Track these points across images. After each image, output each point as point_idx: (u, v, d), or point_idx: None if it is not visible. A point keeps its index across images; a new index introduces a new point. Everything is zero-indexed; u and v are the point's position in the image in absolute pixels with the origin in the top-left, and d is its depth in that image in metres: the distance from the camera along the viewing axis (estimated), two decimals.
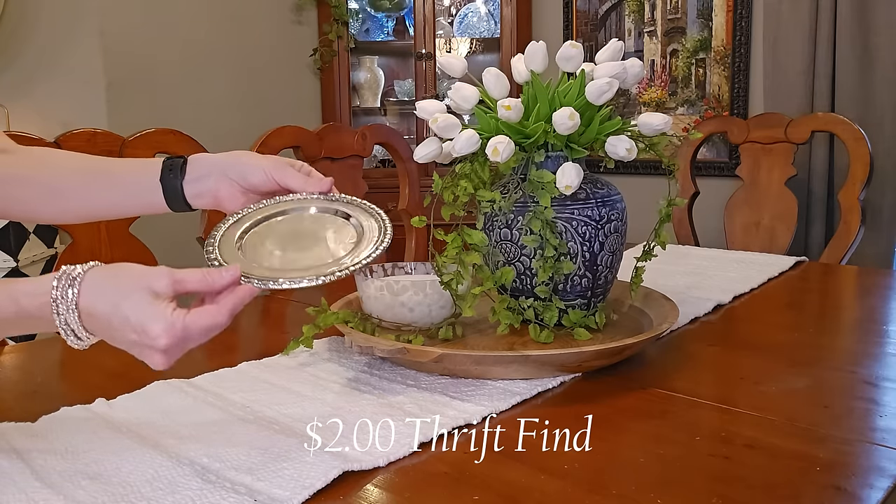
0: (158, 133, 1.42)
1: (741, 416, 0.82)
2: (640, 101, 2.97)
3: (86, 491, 0.65)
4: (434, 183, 1.05)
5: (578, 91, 1.03)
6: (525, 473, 0.68)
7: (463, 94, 1.07)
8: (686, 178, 2.04)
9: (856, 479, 0.68)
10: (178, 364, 0.69)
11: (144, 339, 0.65)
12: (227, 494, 0.64)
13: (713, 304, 1.26)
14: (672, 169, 1.09)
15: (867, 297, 1.47)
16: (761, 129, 2.01)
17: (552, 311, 1.04)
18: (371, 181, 1.90)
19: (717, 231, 2.09)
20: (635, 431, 0.80)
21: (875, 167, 1.86)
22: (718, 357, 1.05)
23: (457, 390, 0.87)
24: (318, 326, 1.01)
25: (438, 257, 1.04)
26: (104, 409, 0.83)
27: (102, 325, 0.65)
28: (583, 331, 1.04)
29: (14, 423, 0.79)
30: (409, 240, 1.84)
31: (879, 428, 0.79)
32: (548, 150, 1.05)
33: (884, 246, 2.37)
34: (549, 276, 1.02)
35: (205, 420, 0.80)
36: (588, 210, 1.04)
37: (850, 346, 1.11)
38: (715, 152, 2.81)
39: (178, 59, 2.75)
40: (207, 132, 1.78)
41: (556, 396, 0.88)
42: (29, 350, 1.17)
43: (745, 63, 2.70)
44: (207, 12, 2.83)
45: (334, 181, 0.91)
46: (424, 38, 3.11)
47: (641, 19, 2.94)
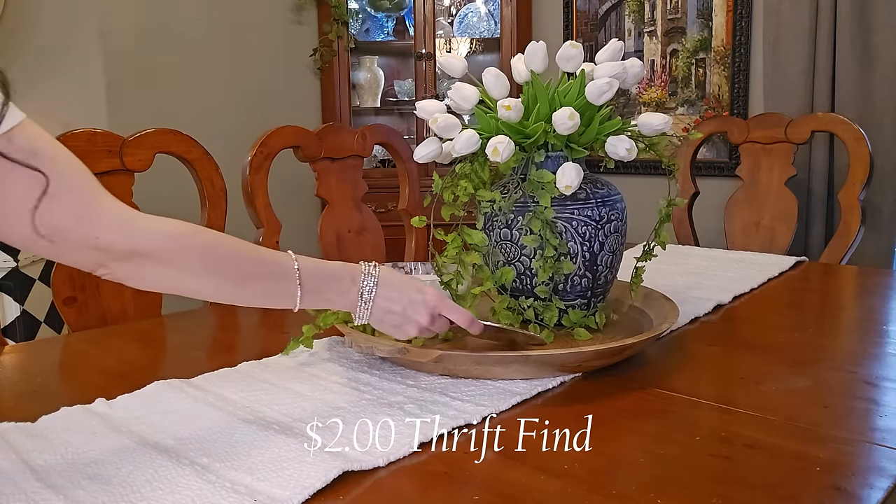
0: (158, 133, 1.42)
1: (741, 416, 0.82)
2: (640, 101, 2.97)
3: (86, 491, 0.65)
4: (434, 183, 1.05)
5: (578, 91, 1.03)
6: (525, 473, 0.68)
7: (463, 94, 1.07)
8: (686, 178, 2.04)
9: (856, 479, 0.68)
10: (179, 364, 0.69)
11: (419, 297, 0.88)
12: (227, 494, 0.64)
13: (713, 304, 1.26)
14: (672, 169, 1.09)
15: (867, 297, 1.47)
16: (761, 129, 2.01)
17: (552, 310, 1.04)
18: (371, 181, 1.90)
19: (717, 231, 2.09)
20: (635, 431, 0.80)
21: (875, 167, 1.86)
22: (718, 357, 1.05)
23: (457, 390, 0.87)
24: (318, 326, 1.01)
25: (438, 257, 1.04)
26: (104, 409, 0.83)
27: (394, 286, 0.88)
28: (583, 331, 1.04)
29: (14, 423, 0.79)
30: (409, 240, 1.84)
31: (879, 428, 0.79)
32: (548, 150, 1.05)
33: (884, 246, 2.37)
34: (549, 276, 1.02)
35: (205, 420, 0.80)
36: (588, 210, 1.04)
37: (850, 346, 1.11)
38: (715, 152, 2.81)
39: (178, 59, 2.74)
40: (207, 132, 1.78)
41: (556, 396, 0.88)
42: (29, 350, 1.17)
43: (745, 63, 2.70)
44: (207, 12, 2.83)
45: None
46: (424, 38, 3.11)
47: (641, 19, 2.94)
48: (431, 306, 0.89)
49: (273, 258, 0.82)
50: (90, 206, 0.71)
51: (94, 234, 0.70)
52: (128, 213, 0.74)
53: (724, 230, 2.03)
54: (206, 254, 0.78)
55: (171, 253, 0.75)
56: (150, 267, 0.75)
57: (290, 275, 0.82)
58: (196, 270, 0.77)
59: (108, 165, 1.34)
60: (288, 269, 0.82)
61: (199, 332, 1.24)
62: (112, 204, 0.73)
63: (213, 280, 0.79)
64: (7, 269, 2.16)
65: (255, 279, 0.81)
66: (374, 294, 0.87)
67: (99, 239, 0.71)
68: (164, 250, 0.75)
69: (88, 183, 0.71)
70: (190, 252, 0.77)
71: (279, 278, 0.82)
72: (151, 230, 0.75)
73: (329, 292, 0.85)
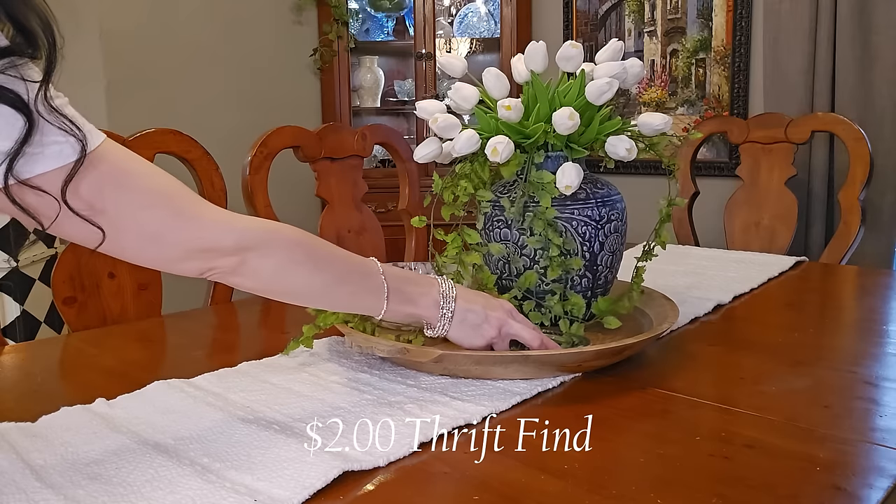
0: (158, 133, 1.42)
1: (741, 416, 0.82)
2: (640, 101, 2.97)
3: (86, 491, 0.65)
4: (434, 183, 1.05)
5: (578, 91, 1.03)
6: (525, 473, 0.68)
7: (463, 94, 1.07)
8: (686, 178, 2.04)
9: (856, 479, 0.68)
10: (178, 364, 0.69)
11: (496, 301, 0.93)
12: (227, 494, 0.64)
13: (713, 304, 1.26)
14: (672, 169, 1.09)
15: (867, 297, 1.47)
16: (761, 129, 2.01)
17: (579, 304, 1.03)
18: (371, 181, 1.89)
19: (717, 231, 2.09)
20: (635, 431, 0.80)
21: (875, 167, 1.86)
22: (718, 357, 1.05)
23: (457, 390, 0.87)
24: (318, 326, 1.01)
25: (438, 257, 1.04)
26: (104, 409, 0.83)
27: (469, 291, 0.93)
28: (613, 319, 1.03)
29: (14, 423, 0.79)
30: (409, 240, 1.84)
31: (879, 428, 0.79)
32: (548, 150, 1.05)
33: (884, 246, 2.37)
34: (558, 275, 1.02)
35: (205, 420, 0.80)
36: (588, 210, 1.04)
37: (850, 346, 1.11)
38: (715, 152, 2.81)
39: (178, 59, 2.74)
40: (207, 132, 1.78)
41: (556, 396, 0.88)
42: (29, 350, 1.17)
43: (745, 63, 2.70)
44: (207, 12, 2.83)
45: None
46: (424, 38, 3.11)
47: (641, 19, 2.94)
48: (508, 310, 0.93)
49: (359, 259, 0.86)
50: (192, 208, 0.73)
51: (200, 233, 0.73)
52: (227, 213, 0.76)
53: (724, 230, 2.03)
54: (307, 247, 0.81)
55: (276, 244, 0.78)
56: (256, 261, 0.77)
57: (376, 273, 0.85)
58: (301, 261, 0.80)
59: None
60: (373, 269, 0.85)
61: (199, 332, 1.24)
62: (210, 205, 0.75)
63: (316, 276, 0.82)
64: (7, 269, 2.16)
65: (350, 277, 0.84)
66: (456, 293, 0.90)
67: (207, 236, 0.73)
68: (269, 241, 0.77)
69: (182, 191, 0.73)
70: (293, 245, 0.80)
71: (368, 276, 0.85)
72: (251, 226, 0.77)
73: (412, 293, 0.88)
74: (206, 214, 0.74)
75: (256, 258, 0.76)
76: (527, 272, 1.03)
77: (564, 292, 1.03)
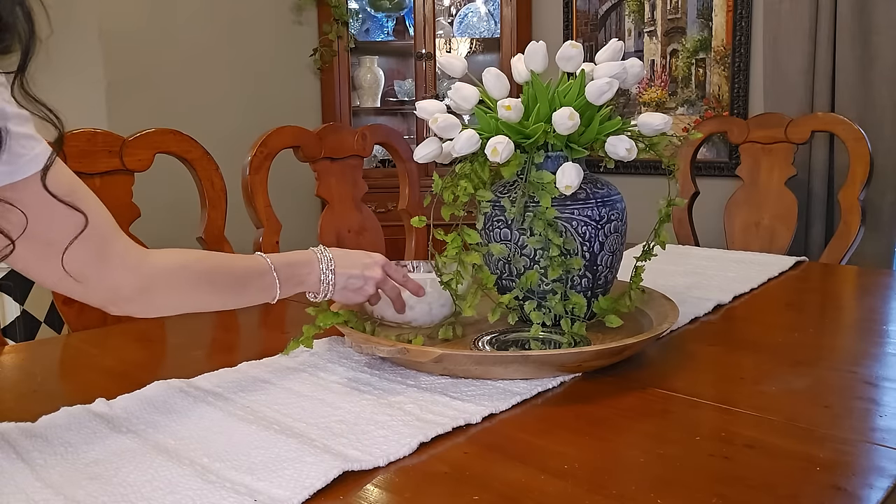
0: (158, 133, 1.42)
1: (741, 416, 0.82)
2: (640, 101, 2.97)
3: (86, 491, 0.65)
4: (434, 183, 1.05)
5: (578, 91, 1.03)
6: (525, 473, 0.68)
7: (463, 94, 1.07)
8: (686, 178, 2.04)
9: (856, 479, 0.68)
10: (179, 364, 0.69)
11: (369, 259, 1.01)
12: (227, 494, 0.64)
13: (713, 304, 1.26)
14: (672, 169, 1.09)
15: (867, 297, 1.47)
16: (761, 129, 2.01)
17: (580, 303, 1.03)
18: (371, 181, 1.90)
19: (717, 231, 2.09)
20: (635, 431, 0.80)
21: (875, 167, 1.86)
22: (718, 357, 1.05)
23: (457, 390, 0.87)
24: (318, 326, 1.01)
25: (438, 257, 1.04)
26: (104, 409, 0.83)
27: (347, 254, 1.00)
28: (614, 317, 1.03)
29: (14, 423, 0.79)
30: (409, 240, 1.84)
31: (879, 428, 0.79)
32: (548, 150, 1.05)
33: (884, 246, 2.37)
34: (558, 275, 1.01)
35: (205, 420, 0.80)
36: (588, 210, 1.04)
37: (850, 346, 1.11)
38: (715, 152, 2.81)
39: (178, 59, 2.74)
40: (207, 132, 1.78)
41: (556, 396, 0.88)
42: (29, 350, 1.17)
43: (745, 63, 2.70)
44: (207, 12, 2.83)
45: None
46: (424, 38, 3.11)
47: (641, 19, 2.94)
48: (382, 263, 1.02)
49: (252, 262, 0.92)
50: (110, 247, 0.78)
51: (110, 276, 0.78)
52: (138, 253, 0.81)
53: (724, 230, 2.03)
54: (208, 274, 0.88)
55: (178, 282, 0.85)
56: (159, 299, 0.84)
57: (267, 271, 0.92)
58: (204, 290, 0.88)
59: (108, 165, 1.34)
60: (265, 267, 0.92)
61: (199, 332, 1.24)
62: (126, 245, 0.80)
63: (215, 296, 0.90)
64: (7, 268, 2.16)
65: (247, 282, 0.91)
66: (334, 264, 0.97)
67: (114, 279, 0.78)
68: (171, 282, 0.84)
69: (111, 224, 0.78)
70: (195, 278, 0.87)
71: (262, 277, 0.92)
72: (158, 266, 0.83)
73: (300, 274, 0.95)
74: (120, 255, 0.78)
75: (160, 297, 0.84)
76: (528, 272, 1.03)
77: (565, 292, 1.03)
